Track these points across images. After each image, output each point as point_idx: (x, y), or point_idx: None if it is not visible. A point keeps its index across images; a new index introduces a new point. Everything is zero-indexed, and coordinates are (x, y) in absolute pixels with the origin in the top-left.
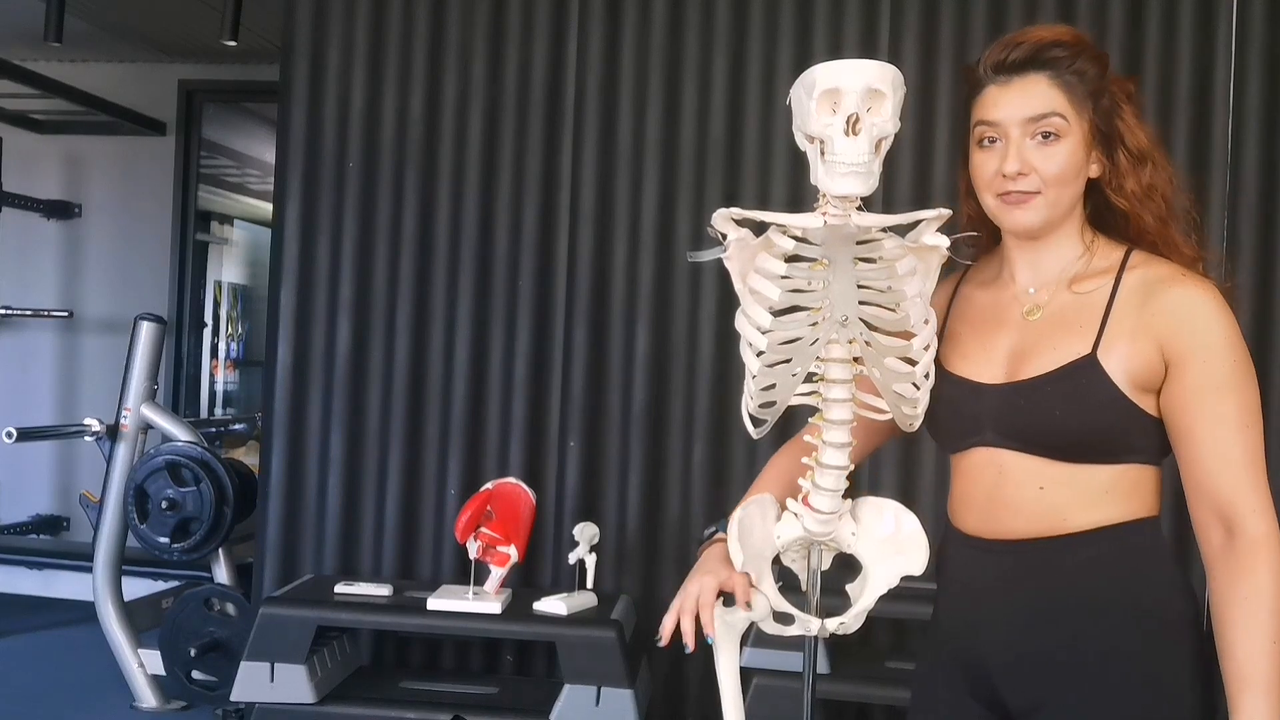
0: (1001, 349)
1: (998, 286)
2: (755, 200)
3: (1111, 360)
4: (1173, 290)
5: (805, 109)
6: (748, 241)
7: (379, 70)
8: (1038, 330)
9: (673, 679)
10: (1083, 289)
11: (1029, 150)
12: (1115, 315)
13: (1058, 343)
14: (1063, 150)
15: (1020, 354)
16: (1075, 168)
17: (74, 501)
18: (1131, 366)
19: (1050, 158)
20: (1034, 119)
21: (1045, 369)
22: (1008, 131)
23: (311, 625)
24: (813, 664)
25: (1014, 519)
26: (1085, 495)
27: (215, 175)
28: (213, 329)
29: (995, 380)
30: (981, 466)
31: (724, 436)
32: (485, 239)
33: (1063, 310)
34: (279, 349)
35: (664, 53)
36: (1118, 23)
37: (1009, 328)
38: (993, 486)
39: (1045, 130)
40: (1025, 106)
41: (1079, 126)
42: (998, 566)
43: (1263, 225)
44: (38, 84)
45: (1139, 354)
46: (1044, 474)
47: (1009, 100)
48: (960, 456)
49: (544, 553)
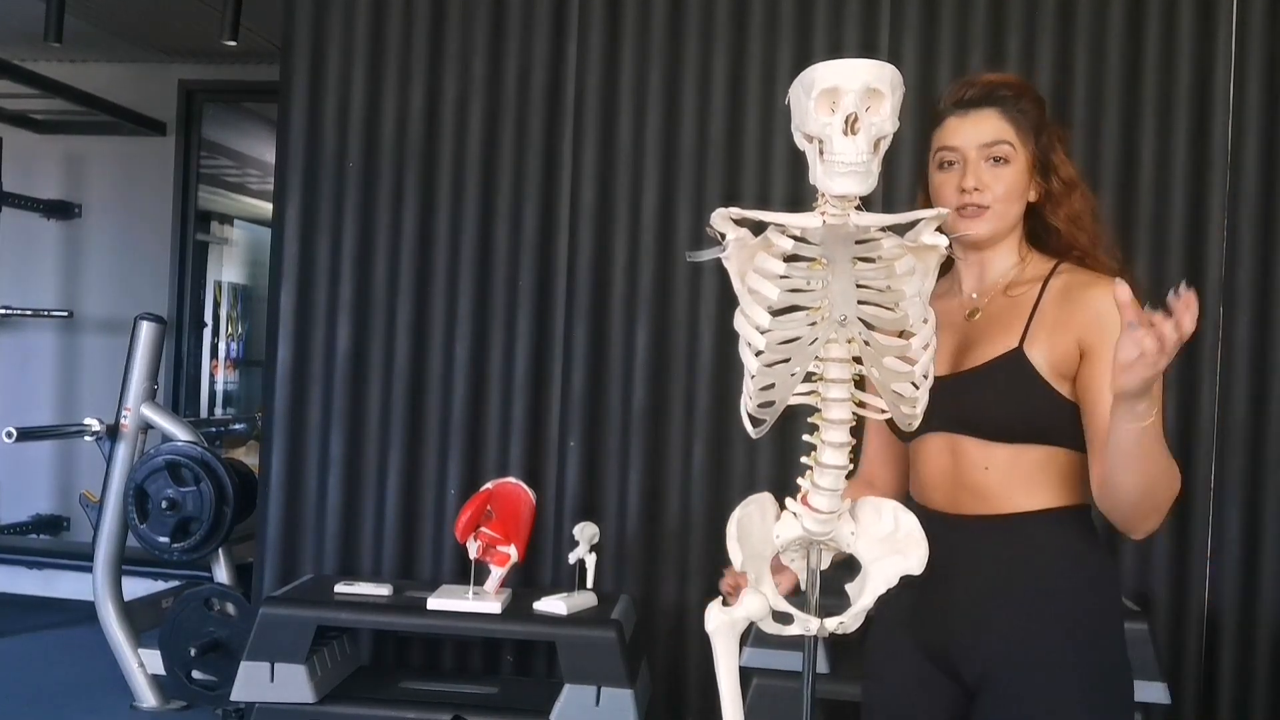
0: (946, 347)
1: (947, 297)
2: (755, 200)
3: (1035, 352)
4: (1088, 290)
5: (804, 108)
6: (746, 241)
7: (379, 70)
8: (977, 329)
9: (673, 679)
10: (1015, 293)
11: (983, 170)
12: (1039, 314)
13: (992, 339)
14: (1011, 172)
15: (961, 349)
16: (1020, 188)
17: (74, 501)
18: (1053, 357)
19: (1000, 178)
20: (988, 144)
21: (980, 361)
22: (966, 154)
23: (311, 625)
24: (812, 664)
25: (970, 497)
26: (1023, 476)
27: (215, 175)
28: (213, 329)
29: (941, 373)
30: (938, 450)
31: (724, 436)
32: (485, 239)
33: (998, 311)
34: (279, 349)
35: (664, 53)
36: (1118, 22)
37: (954, 329)
38: (950, 468)
39: (997, 155)
40: (980, 134)
41: (1024, 154)
42: (957, 540)
43: (1263, 225)
44: (38, 84)
45: (1058, 345)
46: (988, 456)
47: (967, 129)
48: (917, 443)
49: (544, 553)
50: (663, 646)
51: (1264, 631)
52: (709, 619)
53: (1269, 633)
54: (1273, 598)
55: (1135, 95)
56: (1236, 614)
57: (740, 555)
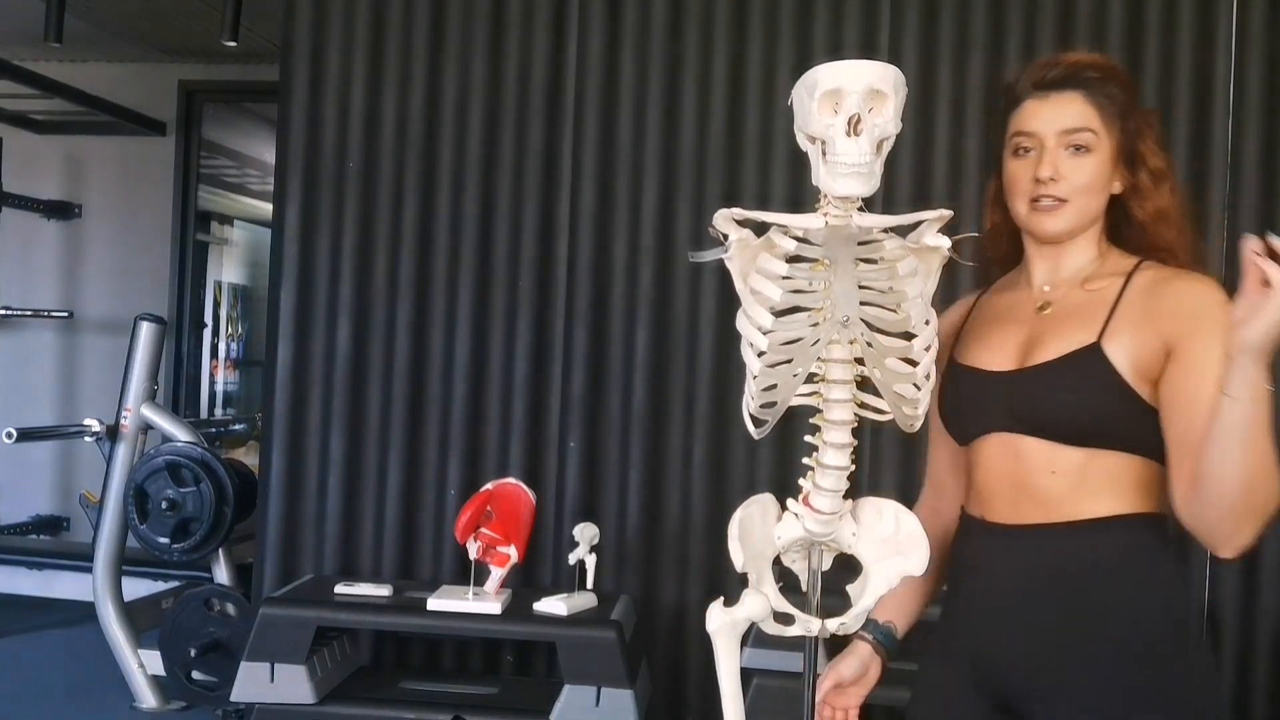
0: (1012, 340)
1: (1016, 288)
2: (755, 200)
3: (1115, 348)
4: (1176, 284)
5: (807, 109)
6: (749, 242)
7: (379, 70)
8: (1047, 323)
9: (673, 679)
10: (1093, 287)
11: (1062, 160)
12: (1121, 308)
13: (1065, 333)
14: (1092, 163)
15: (1030, 343)
16: (1102, 180)
17: (74, 501)
18: (1135, 355)
19: (1080, 169)
20: (1068, 131)
21: (1051, 356)
22: (1044, 141)
23: (311, 625)
24: (813, 664)
25: (1032, 505)
26: (1093, 482)
27: (215, 175)
28: (213, 329)
29: (1005, 368)
30: (999, 452)
31: (724, 436)
32: (485, 239)
33: (1073, 305)
34: (279, 349)
35: (664, 53)
36: (1118, 23)
37: (1021, 322)
38: (1012, 471)
39: (1077, 143)
40: (1061, 119)
41: (1107, 143)
42: (1016, 551)
43: (1263, 225)
44: (38, 84)
45: (1143, 343)
46: (1054, 458)
47: (1046, 113)
48: (976, 445)
49: (544, 553)
50: (663, 646)
51: (1264, 632)
52: (710, 619)
53: (1269, 633)
54: (1273, 597)
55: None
56: (1237, 614)
57: (741, 556)
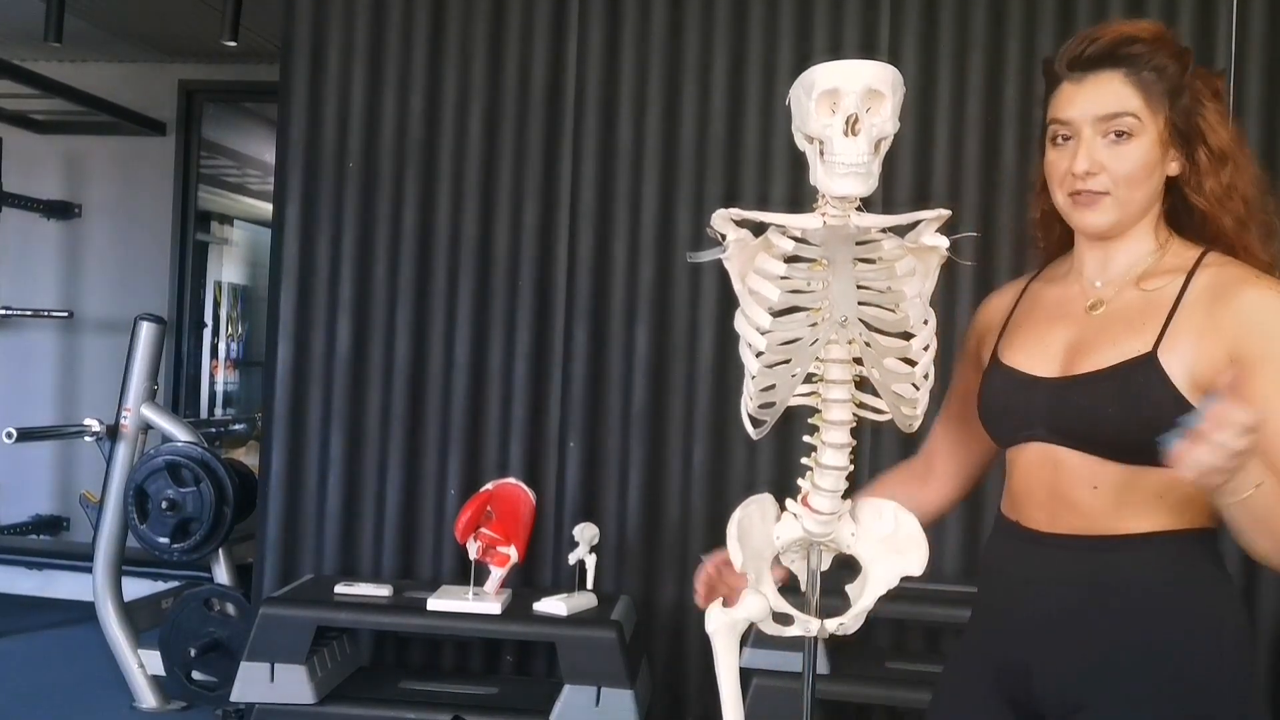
0: (1059, 342)
1: (1066, 282)
2: (755, 200)
3: (1173, 360)
4: (1246, 292)
5: (804, 109)
6: (747, 242)
7: (379, 70)
8: (1098, 325)
9: (673, 679)
10: (1150, 286)
11: (1100, 149)
12: (1181, 314)
13: (1117, 339)
14: (1135, 150)
15: (1077, 348)
16: (1148, 168)
17: (74, 501)
18: (1196, 368)
19: (1122, 157)
20: (1106, 118)
21: (1101, 365)
22: (1079, 130)
23: (311, 625)
24: (812, 664)
25: (1072, 515)
26: (1139, 499)
27: (215, 175)
28: (213, 329)
29: (1049, 373)
30: (1038, 462)
31: (724, 436)
32: (485, 239)
33: (1127, 307)
34: (279, 349)
35: (664, 53)
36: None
37: (1069, 321)
38: (1051, 482)
39: (1118, 129)
40: (1097, 105)
41: (1153, 125)
42: (1052, 561)
43: None
44: (38, 84)
45: (1205, 355)
46: (1097, 473)
47: (1082, 98)
48: (1015, 451)
49: (544, 553)
50: (663, 646)
51: (1264, 632)
52: (709, 620)
53: (1269, 633)
54: (1273, 598)
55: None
56: None
57: (741, 556)
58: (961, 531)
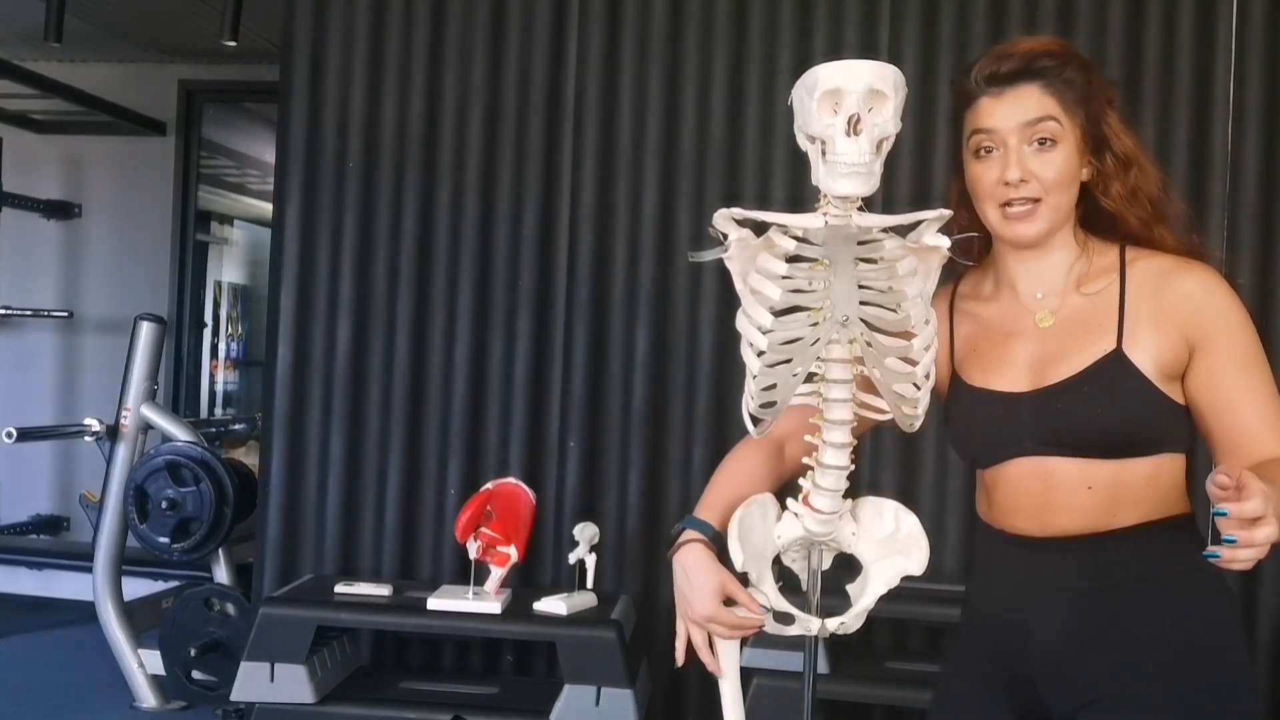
0: (1021, 358)
1: (1000, 299)
2: (755, 200)
3: (1137, 352)
4: (1184, 278)
5: (806, 109)
6: (749, 241)
7: (379, 70)
8: (1055, 335)
9: (673, 679)
10: (1091, 289)
11: (1027, 157)
12: (1130, 309)
13: (1081, 344)
14: (1059, 156)
15: (1043, 361)
16: (1072, 173)
17: (74, 501)
18: (1160, 356)
19: (1049, 164)
20: (1030, 124)
21: (1074, 370)
22: (1005, 139)
23: (311, 625)
24: (813, 664)
25: (1065, 519)
26: (1130, 490)
27: (215, 175)
28: (213, 329)
29: (1023, 389)
30: (1025, 476)
31: (724, 436)
32: (485, 239)
33: (1077, 312)
34: (279, 349)
35: (664, 53)
36: (1118, 23)
37: (1023, 337)
38: (1041, 493)
39: (1042, 136)
40: (1021, 113)
41: (1072, 132)
42: (1047, 563)
43: (1263, 225)
44: (38, 84)
45: (1164, 342)
46: (1090, 474)
47: (1004, 109)
48: (998, 469)
49: (544, 553)
50: (663, 646)
51: (1264, 631)
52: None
53: (1269, 633)
54: (1273, 597)
55: (1135, 95)
56: None
57: (741, 555)
58: (961, 531)
